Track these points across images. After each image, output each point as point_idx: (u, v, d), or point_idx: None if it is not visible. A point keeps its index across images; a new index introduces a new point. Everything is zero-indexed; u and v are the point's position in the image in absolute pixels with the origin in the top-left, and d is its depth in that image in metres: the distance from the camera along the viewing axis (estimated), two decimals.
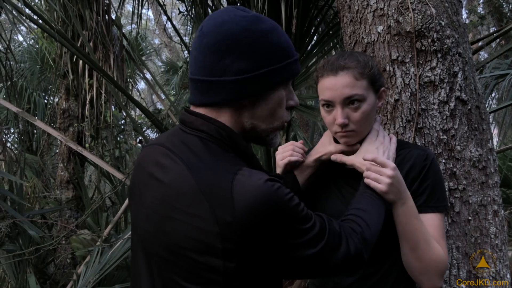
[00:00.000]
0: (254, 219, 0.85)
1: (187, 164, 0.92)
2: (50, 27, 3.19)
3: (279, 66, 0.96)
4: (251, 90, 0.95)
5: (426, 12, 1.53)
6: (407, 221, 1.21)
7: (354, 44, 1.70)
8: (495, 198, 1.59)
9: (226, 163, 0.92)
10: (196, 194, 0.88)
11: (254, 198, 0.85)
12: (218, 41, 0.93)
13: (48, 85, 6.51)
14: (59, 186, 4.40)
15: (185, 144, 0.97)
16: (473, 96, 1.58)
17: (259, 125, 1.00)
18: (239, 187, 0.86)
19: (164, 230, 0.93)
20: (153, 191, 0.97)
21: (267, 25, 0.96)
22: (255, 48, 0.93)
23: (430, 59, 1.54)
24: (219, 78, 0.94)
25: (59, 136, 3.76)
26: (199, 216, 0.87)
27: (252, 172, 0.90)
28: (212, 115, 0.98)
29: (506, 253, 1.61)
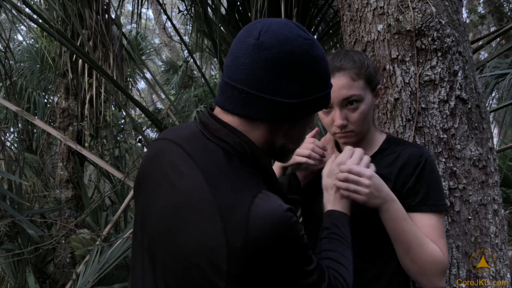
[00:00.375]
0: (263, 247, 0.84)
1: (206, 177, 0.89)
2: (50, 26, 3.18)
3: (323, 94, 0.98)
4: (299, 115, 0.95)
5: (426, 11, 1.53)
6: (395, 225, 1.20)
7: (354, 43, 1.70)
8: (495, 198, 1.59)
9: (247, 183, 0.90)
10: (212, 213, 0.86)
11: (269, 224, 0.84)
12: (279, 60, 0.90)
13: (48, 84, 6.51)
14: (58, 185, 4.40)
15: (207, 152, 0.94)
16: (473, 95, 1.58)
17: (288, 145, 1.01)
18: (256, 212, 0.84)
19: (174, 240, 0.91)
20: (168, 195, 0.94)
21: (320, 51, 0.97)
22: (310, 74, 0.94)
23: (430, 58, 1.54)
24: (271, 97, 0.91)
25: (58, 135, 3.75)
26: (211, 235, 0.85)
27: (272, 197, 0.88)
28: (245, 127, 0.95)
29: (506, 253, 1.61)
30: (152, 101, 14.75)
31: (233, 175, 0.90)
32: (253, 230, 0.83)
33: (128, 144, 5.89)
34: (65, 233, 3.84)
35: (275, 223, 0.84)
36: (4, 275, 3.49)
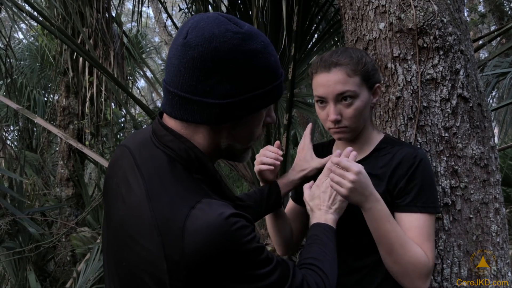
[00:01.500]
0: (202, 261, 0.81)
1: (147, 189, 0.87)
2: (50, 24, 3.18)
3: (264, 90, 0.91)
4: (234, 115, 0.90)
5: (428, 9, 1.53)
6: (378, 225, 1.20)
7: (356, 41, 1.69)
8: (496, 196, 1.59)
9: (188, 192, 0.86)
10: (150, 226, 0.83)
11: (205, 237, 0.80)
12: (205, 59, 0.85)
13: (48, 83, 6.51)
14: (59, 184, 4.40)
15: (152, 160, 0.92)
16: (475, 94, 1.58)
17: (235, 145, 0.96)
18: (192, 223, 0.81)
19: (121, 253, 0.91)
20: (118, 208, 0.94)
21: (258, 44, 0.89)
22: (243, 71, 0.87)
23: (432, 56, 1.54)
24: (201, 99, 0.87)
25: (59, 134, 3.75)
26: (150, 250, 0.83)
27: (213, 205, 0.84)
28: (187, 131, 0.92)
29: (507, 251, 1.61)
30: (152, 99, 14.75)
31: (174, 185, 0.87)
32: (189, 243, 0.79)
33: None
34: (65, 231, 3.84)
35: (213, 235, 0.80)
36: (4, 273, 3.49)
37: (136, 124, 5.49)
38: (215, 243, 0.80)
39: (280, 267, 0.90)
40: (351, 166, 1.16)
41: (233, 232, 0.81)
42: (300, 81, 3.27)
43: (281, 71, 0.95)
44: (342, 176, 1.16)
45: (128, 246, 0.88)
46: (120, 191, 0.94)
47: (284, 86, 0.97)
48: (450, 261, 1.52)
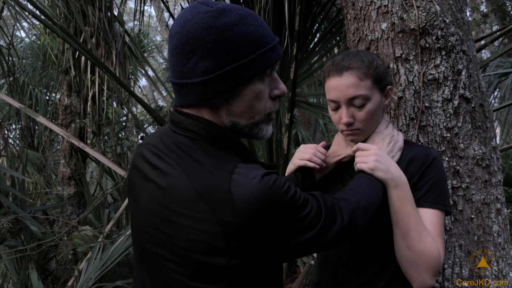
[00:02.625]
0: (254, 217, 0.86)
1: (182, 168, 0.91)
2: (53, 23, 3.19)
3: (248, 59, 0.92)
4: (219, 90, 0.92)
5: (431, 9, 1.53)
6: (400, 206, 1.21)
7: (358, 42, 1.69)
8: (498, 197, 1.59)
9: (221, 162, 0.92)
10: (195, 198, 0.88)
11: (252, 196, 0.86)
12: (182, 43, 0.91)
13: (50, 81, 6.51)
14: (61, 182, 4.41)
15: (177, 145, 0.96)
16: (477, 94, 1.58)
17: (239, 121, 0.98)
18: (237, 187, 0.87)
19: (166, 233, 0.93)
20: (150, 194, 0.97)
21: (232, 17, 0.91)
22: (218, 45, 0.90)
23: (434, 57, 1.54)
24: (187, 81, 0.93)
25: (61, 132, 3.76)
26: (200, 219, 0.88)
27: (248, 168, 0.90)
28: (195, 115, 0.97)
29: (508, 252, 1.61)
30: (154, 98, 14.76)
31: (206, 159, 0.92)
32: (239, 203, 0.86)
33: (130, 141, 5.89)
34: (67, 230, 3.85)
35: (257, 192, 0.86)
36: (7, 272, 3.50)
37: (137, 123, 5.49)
38: (261, 199, 0.86)
39: (314, 202, 0.96)
40: (370, 146, 1.27)
41: (271, 187, 0.88)
42: (302, 81, 3.27)
43: (266, 39, 0.95)
44: (364, 154, 1.25)
45: (174, 223, 0.92)
46: (150, 180, 0.97)
47: (276, 53, 0.97)
48: (451, 261, 1.53)
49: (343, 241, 1.01)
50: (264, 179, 0.88)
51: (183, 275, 0.92)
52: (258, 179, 0.88)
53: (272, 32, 0.98)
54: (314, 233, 0.94)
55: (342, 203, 1.03)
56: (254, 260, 0.92)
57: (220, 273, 0.90)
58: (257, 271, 0.95)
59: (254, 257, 0.91)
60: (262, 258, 0.93)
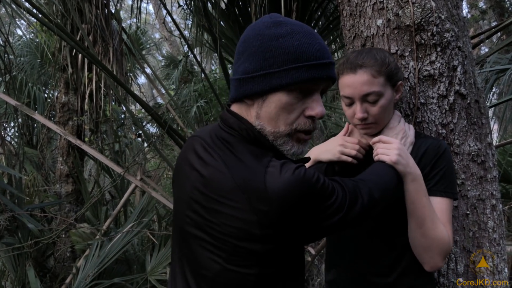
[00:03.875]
0: (287, 206, 0.94)
1: (224, 161, 1.00)
2: (49, 20, 3.18)
3: (280, 69, 0.99)
4: (249, 90, 1.02)
5: (426, 6, 1.52)
6: (416, 198, 1.29)
7: (354, 38, 1.69)
8: (493, 193, 1.59)
9: (257, 158, 1.01)
10: (234, 188, 0.97)
11: (285, 187, 0.94)
12: (239, 45, 1.05)
13: (48, 79, 6.51)
14: (58, 180, 4.40)
15: (221, 140, 1.06)
16: (472, 90, 1.58)
17: (265, 127, 1.04)
18: (271, 178, 0.95)
19: (205, 218, 1.02)
20: (193, 181, 1.06)
21: (282, 30, 1.00)
22: (260, 51, 1.00)
23: (430, 53, 1.54)
24: (233, 78, 1.06)
25: (58, 130, 3.75)
26: (238, 208, 0.96)
27: (281, 163, 0.98)
28: (239, 110, 1.09)
29: (504, 248, 1.61)
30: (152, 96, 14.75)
31: (245, 155, 1.01)
32: (273, 193, 0.93)
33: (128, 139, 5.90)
34: (65, 227, 3.85)
35: (290, 183, 0.94)
36: (4, 269, 3.50)
37: (135, 120, 5.48)
38: (294, 189, 0.94)
39: (338, 188, 1.03)
40: (393, 139, 1.32)
41: (302, 179, 0.95)
42: None
43: (308, 56, 1.00)
44: (387, 147, 1.30)
45: (213, 210, 1.00)
46: (194, 169, 1.06)
47: (317, 72, 1.01)
48: (446, 257, 1.53)
49: (366, 218, 1.09)
50: (295, 172, 0.96)
51: (219, 257, 1.01)
52: (291, 172, 0.95)
53: (327, 54, 1.03)
54: (341, 215, 1.02)
55: (360, 184, 1.10)
56: (286, 245, 1.01)
57: (254, 258, 0.99)
58: (287, 255, 1.05)
59: (286, 242, 1.00)
60: (293, 242, 1.03)
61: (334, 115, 4.26)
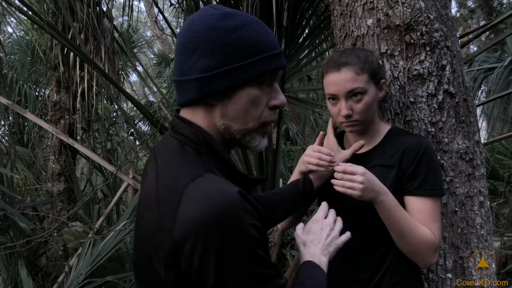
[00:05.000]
0: (191, 232, 0.78)
1: (157, 171, 0.91)
2: (40, 18, 3.17)
3: (246, 63, 0.91)
4: (215, 89, 0.91)
5: (415, 6, 1.55)
6: (389, 214, 1.33)
7: (344, 37, 1.71)
8: (481, 190, 1.62)
9: (191, 168, 0.88)
10: (154, 200, 0.87)
11: (200, 206, 0.78)
12: (186, 41, 0.93)
13: (39, 77, 6.46)
14: (50, 179, 4.39)
15: (167, 148, 0.96)
16: (460, 89, 1.61)
17: (232, 125, 0.96)
18: (190, 192, 0.81)
19: (137, 230, 0.97)
20: (140, 195, 0.99)
21: (236, 21, 0.92)
22: (219, 45, 0.90)
23: (419, 52, 1.56)
24: (185, 78, 0.93)
25: (50, 129, 3.74)
26: (150, 222, 0.86)
27: (215, 179, 0.84)
28: (190, 114, 0.97)
29: (491, 244, 1.65)
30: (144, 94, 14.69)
31: (179, 163, 0.90)
32: (183, 210, 0.79)
33: (120, 137, 5.88)
34: (57, 226, 3.84)
35: (209, 205, 0.78)
36: None
37: (127, 119, 5.48)
38: (209, 214, 0.77)
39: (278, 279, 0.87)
40: (356, 169, 1.30)
41: (232, 208, 0.79)
42: (291, 76, 3.28)
43: (268, 47, 0.94)
44: (352, 180, 1.29)
45: (140, 223, 0.93)
46: (142, 182, 1.00)
47: (277, 62, 0.96)
48: (437, 253, 1.56)
49: None
50: (228, 194, 0.80)
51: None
52: (221, 191, 0.80)
53: (277, 43, 0.98)
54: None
55: None
56: (190, 283, 0.82)
57: (157, 283, 0.86)
58: None
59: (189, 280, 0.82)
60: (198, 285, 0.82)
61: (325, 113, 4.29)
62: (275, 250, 2.86)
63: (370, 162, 1.44)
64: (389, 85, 1.59)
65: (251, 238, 0.81)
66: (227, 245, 0.78)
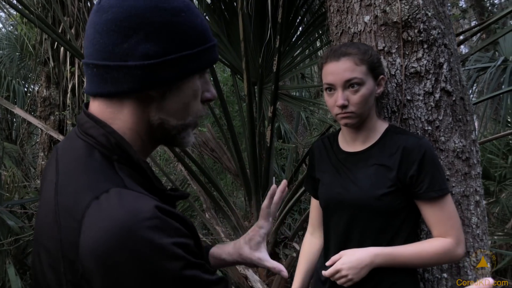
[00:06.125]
0: (97, 264, 0.65)
1: (56, 183, 0.76)
2: (30, 12, 3.11)
3: (194, 51, 0.80)
4: (160, 79, 0.77)
5: (413, 3, 1.53)
6: (393, 264, 1.34)
7: (341, 34, 1.69)
8: (477, 189, 1.61)
9: (97, 182, 0.72)
10: (53, 223, 0.72)
11: (102, 234, 0.65)
12: (120, 18, 0.75)
13: (28, 73, 6.38)
14: (39, 176, 4.33)
15: (71, 151, 0.80)
16: (457, 88, 1.60)
17: (169, 120, 0.82)
18: (91, 216, 0.67)
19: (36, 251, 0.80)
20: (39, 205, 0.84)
21: (179, 3, 0.79)
22: (166, 29, 0.76)
23: (416, 50, 1.55)
24: (120, 63, 0.75)
25: (39, 125, 3.68)
26: (50, 251, 0.72)
27: (124, 196, 0.69)
28: (111, 109, 0.80)
29: (486, 243, 1.64)
30: None
31: (84, 174, 0.74)
32: (84, 239, 0.66)
33: None
34: None
35: (113, 231, 0.64)
36: None
37: None
38: (115, 242, 0.64)
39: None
40: (336, 267, 1.31)
41: (142, 229, 0.65)
42: (284, 74, 3.26)
43: (210, 35, 0.84)
44: (340, 277, 1.31)
45: (38, 242, 0.78)
46: (41, 190, 0.84)
47: (216, 53, 0.86)
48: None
49: None
50: (133, 214, 0.66)
51: None
52: (121, 214, 0.66)
53: None
54: None
55: None
56: None
57: None
58: None
59: None
60: None
61: (318, 111, 4.28)
62: (268, 249, 2.84)
63: (367, 160, 1.43)
64: (386, 82, 1.57)
65: (175, 259, 0.67)
66: (144, 276, 0.65)
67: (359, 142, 1.47)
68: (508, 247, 4.14)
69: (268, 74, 3.08)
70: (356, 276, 1.29)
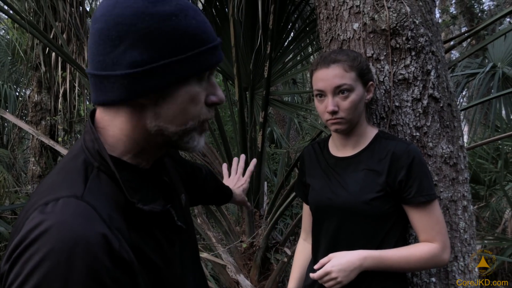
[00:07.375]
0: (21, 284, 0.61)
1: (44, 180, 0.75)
2: (21, 17, 3.11)
3: (186, 56, 0.77)
4: (148, 87, 0.75)
5: (401, 11, 1.56)
6: (381, 267, 1.35)
7: (330, 41, 1.71)
8: (464, 194, 1.63)
9: (62, 186, 0.71)
10: (15, 231, 0.70)
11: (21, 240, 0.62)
12: (108, 27, 0.74)
13: (20, 77, 6.35)
14: (30, 181, 4.31)
15: (71, 151, 0.81)
16: (445, 94, 1.62)
17: (167, 127, 0.80)
18: (32, 220, 0.64)
19: None
20: None
21: (171, 7, 0.76)
22: (152, 35, 0.74)
23: (404, 57, 1.57)
24: (109, 72, 0.75)
25: (30, 130, 3.67)
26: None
27: (72, 210, 0.67)
28: (108, 116, 0.80)
29: (474, 247, 1.66)
30: None
31: (56, 176, 0.74)
32: (14, 255, 0.63)
33: None
34: None
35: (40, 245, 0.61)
36: None
37: None
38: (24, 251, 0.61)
39: None
40: (325, 269, 1.32)
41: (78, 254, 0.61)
42: (276, 79, 3.28)
43: (208, 37, 0.81)
44: (329, 280, 1.32)
45: None
46: None
47: (218, 55, 0.83)
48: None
49: None
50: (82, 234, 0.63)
51: None
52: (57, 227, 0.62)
53: (214, 32, 0.84)
54: None
55: None
56: None
57: None
58: None
59: None
60: None
61: (310, 116, 4.30)
62: (260, 254, 2.85)
63: (357, 165, 1.45)
64: (375, 89, 1.59)
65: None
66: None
67: (349, 147, 1.49)
68: (498, 251, 4.18)
69: (260, 79, 3.10)
70: (345, 279, 1.30)
